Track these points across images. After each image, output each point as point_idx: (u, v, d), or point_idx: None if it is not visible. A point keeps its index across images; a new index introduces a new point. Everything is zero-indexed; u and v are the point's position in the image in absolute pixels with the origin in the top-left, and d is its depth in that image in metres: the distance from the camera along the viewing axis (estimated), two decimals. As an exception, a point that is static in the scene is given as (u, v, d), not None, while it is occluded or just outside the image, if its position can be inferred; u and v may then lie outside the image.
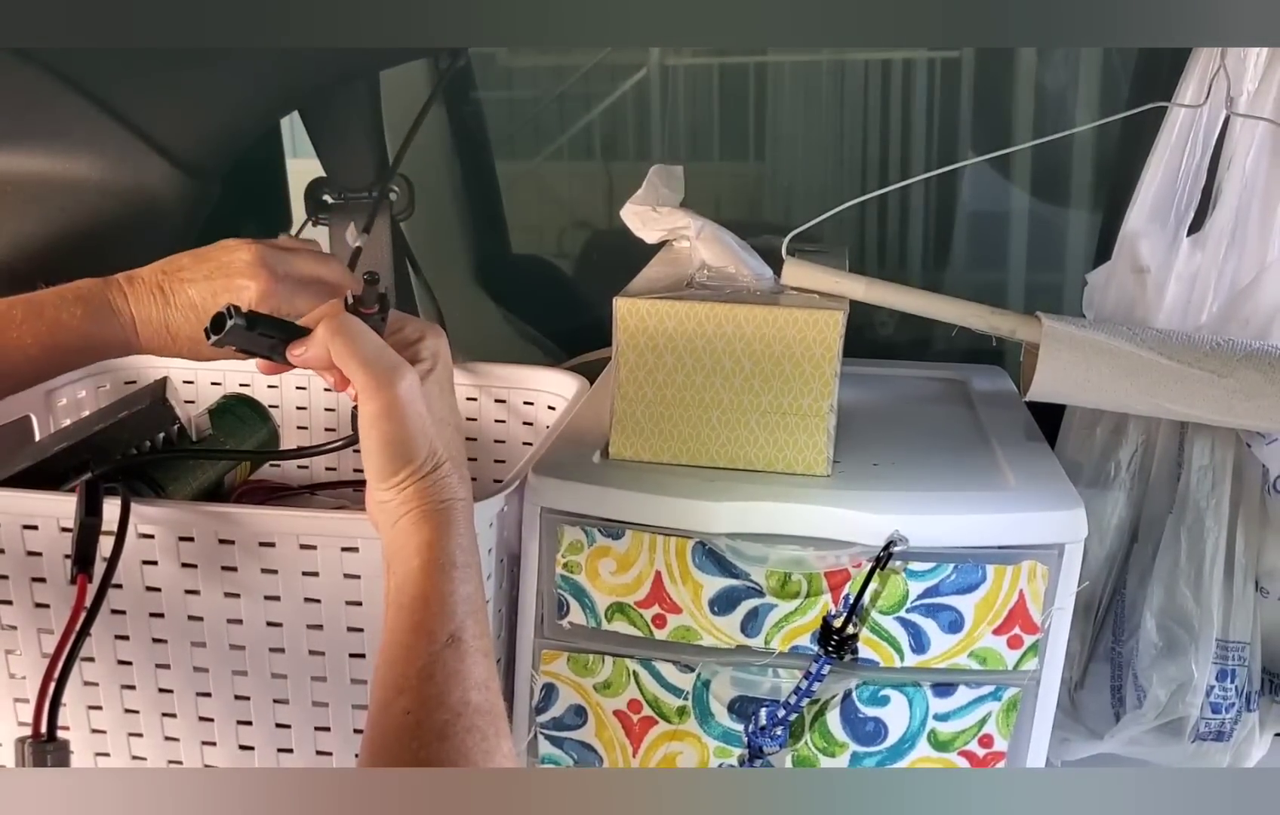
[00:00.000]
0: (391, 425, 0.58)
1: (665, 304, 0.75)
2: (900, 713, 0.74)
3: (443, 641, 0.52)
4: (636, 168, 0.86)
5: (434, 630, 0.52)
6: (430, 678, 0.51)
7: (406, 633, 0.53)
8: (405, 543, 0.57)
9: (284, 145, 1.53)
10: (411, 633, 0.53)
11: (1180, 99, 0.82)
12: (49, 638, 0.74)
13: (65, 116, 0.99)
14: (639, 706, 0.77)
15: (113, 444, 0.82)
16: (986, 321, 0.80)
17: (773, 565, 0.72)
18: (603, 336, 0.81)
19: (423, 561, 0.56)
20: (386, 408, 0.58)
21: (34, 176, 1.02)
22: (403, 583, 0.56)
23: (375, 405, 0.58)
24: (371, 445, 0.59)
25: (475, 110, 1.71)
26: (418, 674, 0.51)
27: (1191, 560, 0.82)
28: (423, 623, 0.53)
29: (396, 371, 0.59)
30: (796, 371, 0.75)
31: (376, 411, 0.58)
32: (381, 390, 0.58)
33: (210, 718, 0.75)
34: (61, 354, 0.72)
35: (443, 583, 0.55)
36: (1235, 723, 0.83)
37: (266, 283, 0.71)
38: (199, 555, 0.70)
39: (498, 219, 1.78)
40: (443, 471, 0.60)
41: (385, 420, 0.58)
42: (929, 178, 1.59)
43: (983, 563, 0.71)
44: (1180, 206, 0.84)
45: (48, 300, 0.71)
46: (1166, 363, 0.75)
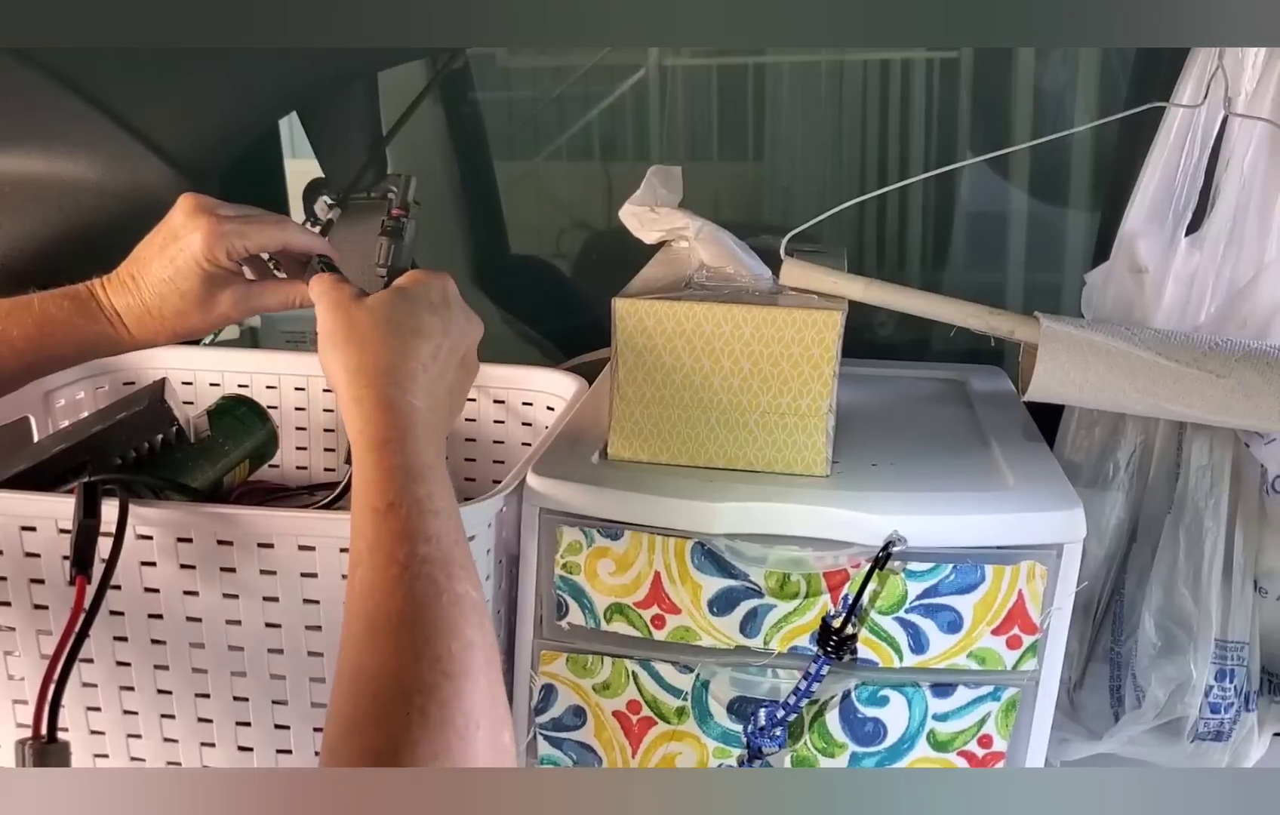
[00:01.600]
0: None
1: (664, 304, 0.75)
2: (899, 713, 0.74)
3: (384, 510, 0.54)
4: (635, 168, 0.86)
5: (373, 504, 0.54)
6: (377, 543, 0.53)
7: (358, 512, 0.55)
8: (351, 440, 0.60)
9: (282, 146, 1.53)
10: (358, 515, 0.55)
11: (1178, 99, 0.82)
12: (48, 639, 0.73)
13: (63, 117, 0.99)
14: (638, 707, 0.77)
15: (111, 445, 0.82)
16: (985, 322, 0.80)
17: (772, 566, 0.72)
18: (601, 337, 0.81)
19: (358, 449, 0.58)
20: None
21: (32, 177, 1.02)
22: (354, 469, 0.59)
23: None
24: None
25: (474, 111, 1.71)
26: (368, 546, 0.53)
27: (1190, 560, 0.82)
28: (363, 501, 0.55)
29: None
30: (795, 372, 0.75)
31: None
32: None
33: (209, 718, 0.75)
34: (50, 352, 0.73)
35: (374, 459, 0.57)
36: (1234, 723, 0.83)
37: (208, 226, 0.71)
38: (198, 556, 0.70)
39: (496, 220, 1.78)
40: (385, 360, 0.62)
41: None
42: (927, 178, 1.59)
43: (981, 563, 0.71)
44: (1178, 207, 0.84)
45: (35, 298, 0.72)
46: (1165, 363, 0.75)
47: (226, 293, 0.74)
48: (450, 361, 0.66)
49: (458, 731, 0.46)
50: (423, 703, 0.46)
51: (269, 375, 1.07)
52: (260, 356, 1.08)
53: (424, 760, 0.44)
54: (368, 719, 0.46)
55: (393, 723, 0.45)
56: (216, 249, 0.71)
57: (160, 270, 0.72)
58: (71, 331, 0.73)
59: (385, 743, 0.45)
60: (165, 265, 0.72)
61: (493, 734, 0.48)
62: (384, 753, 0.44)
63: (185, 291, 0.72)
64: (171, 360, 1.07)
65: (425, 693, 0.47)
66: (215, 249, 0.71)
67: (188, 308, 0.73)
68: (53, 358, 0.74)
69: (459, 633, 0.50)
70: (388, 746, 0.45)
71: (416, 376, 0.63)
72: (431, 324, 0.66)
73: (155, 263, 0.73)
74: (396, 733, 0.45)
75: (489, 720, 0.48)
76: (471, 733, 0.46)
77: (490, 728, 0.48)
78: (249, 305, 0.76)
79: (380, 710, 0.46)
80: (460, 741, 0.46)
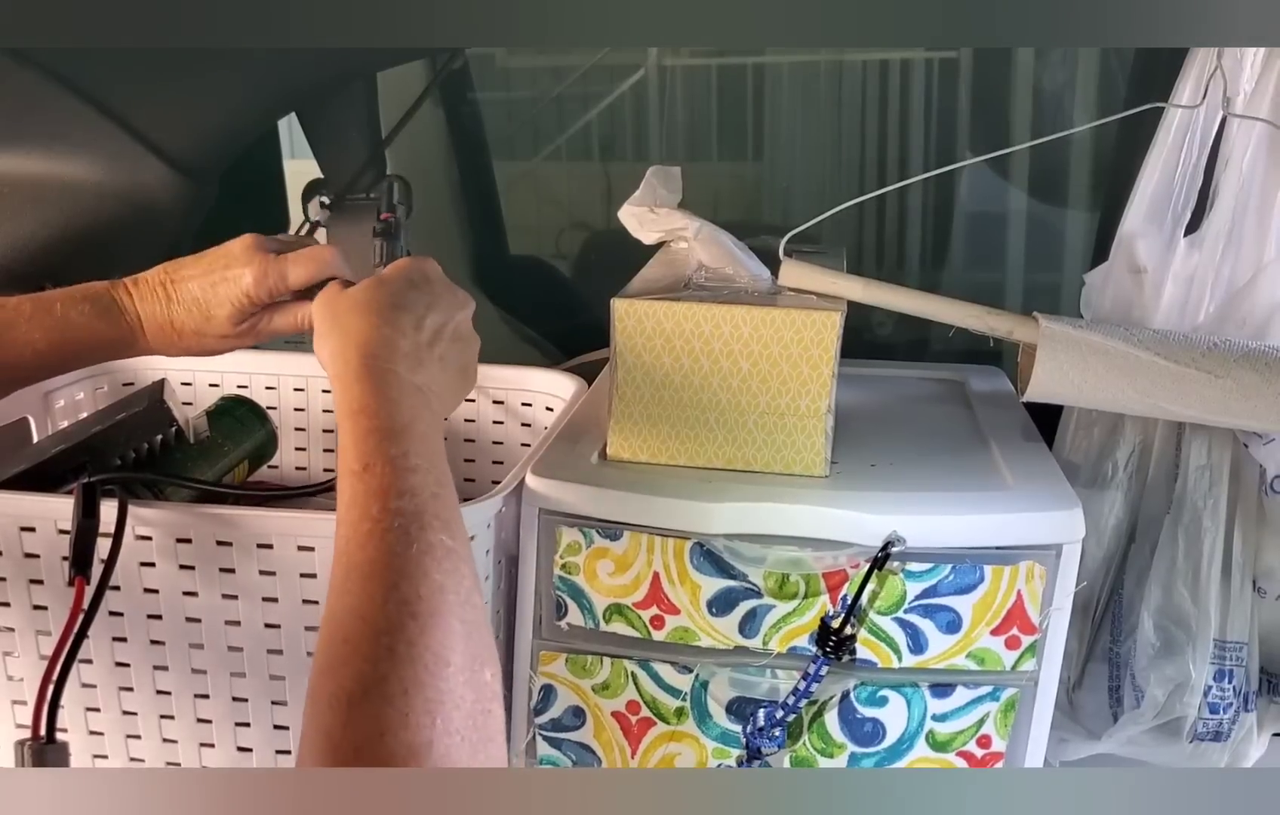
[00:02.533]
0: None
1: (663, 305, 0.75)
2: (898, 713, 0.74)
3: (357, 472, 0.56)
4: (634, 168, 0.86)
5: (350, 468, 0.57)
6: (353, 502, 0.55)
7: (338, 479, 0.57)
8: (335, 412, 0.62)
9: (282, 146, 1.52)
10: (339, 480, 0.57)
11: (1177, 99, 0.82)
12: (47, 639, 0.73)
13: (62, 118, 0.99)
14: (637, 707, 0.77)
15: (111, 446, 0.82)
16: (984, 322, 0.80)
17: (771, 566, 0.72)
18: (601, 337, 0.81)
19: (337, 419, 0.61)
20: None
21: (31, 178, 1.02)
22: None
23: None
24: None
25: (473, 111, 1.71)
26: (345, 506, 0.55)
27: (1189, 560, 0.83)
28: (342, 465, 0.57)
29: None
30: (794, 372, 0.75)
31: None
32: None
33: (208, 719, 0.75)
34: (69, 352, 0.73)
35: (349, 425, 0.59)
36: (1233, 723, 0.83)
37: (261, 264, 0.72)
38: (197, 557, 0.70)
39: (495, 220, 1.77)
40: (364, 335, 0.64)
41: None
42: (927, 178, 1.59)
43: (980, 563, 0.71)
44: (1177, 207, 0.84)
45: (57, 298, 0.73)
46: (1164, 363, 0.75)
47: (246, 322, 0.75)
48: (440, 334, 0.67)
49: (425, 667, 0.47)
50: (389, 642, 0.48)
51: (268, 376, 1.07)
52: (259, 357, 1.08)
53: (393, 696, 0.46)
54: (339, 661, 0.48)
55: (363, 660, 0.47)
56: (262, 288, 0.72)
57: (198, 290, 0.73)
58: (91, 336, 0.73)
59: (354, 681, 0.46)
60: (205, 288, 0.73)
61: (469, 672, 0.49)
62: (354, 692, 0.46)
63: (213, 316, 0.73)
64: (170, 361, 1.06)
65: (391, 632, 0.48)
66: (261, 288, 0.72)
67: (210, 331, 0.74)
68: (70, 360, 0.74)
69: (428, 576, 0.51)
70: (357, 685, 0.46)
71: (396, 345, 0.64)
72: (412, 298, 0.67)
73: (196, 283, 0.73)
74: (365, 668, 0.47)
75: (462, 657, 0.49)
76: (440, 669, 0.48)
77: (464, 665, 0.49)
78: (258, 333, 0.76)
79: (350, 651, 0.48)
80: (429, 676, 0.47)
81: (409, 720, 0.46)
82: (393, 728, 0.45)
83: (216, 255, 0.74)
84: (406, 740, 0.45)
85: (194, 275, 0.74)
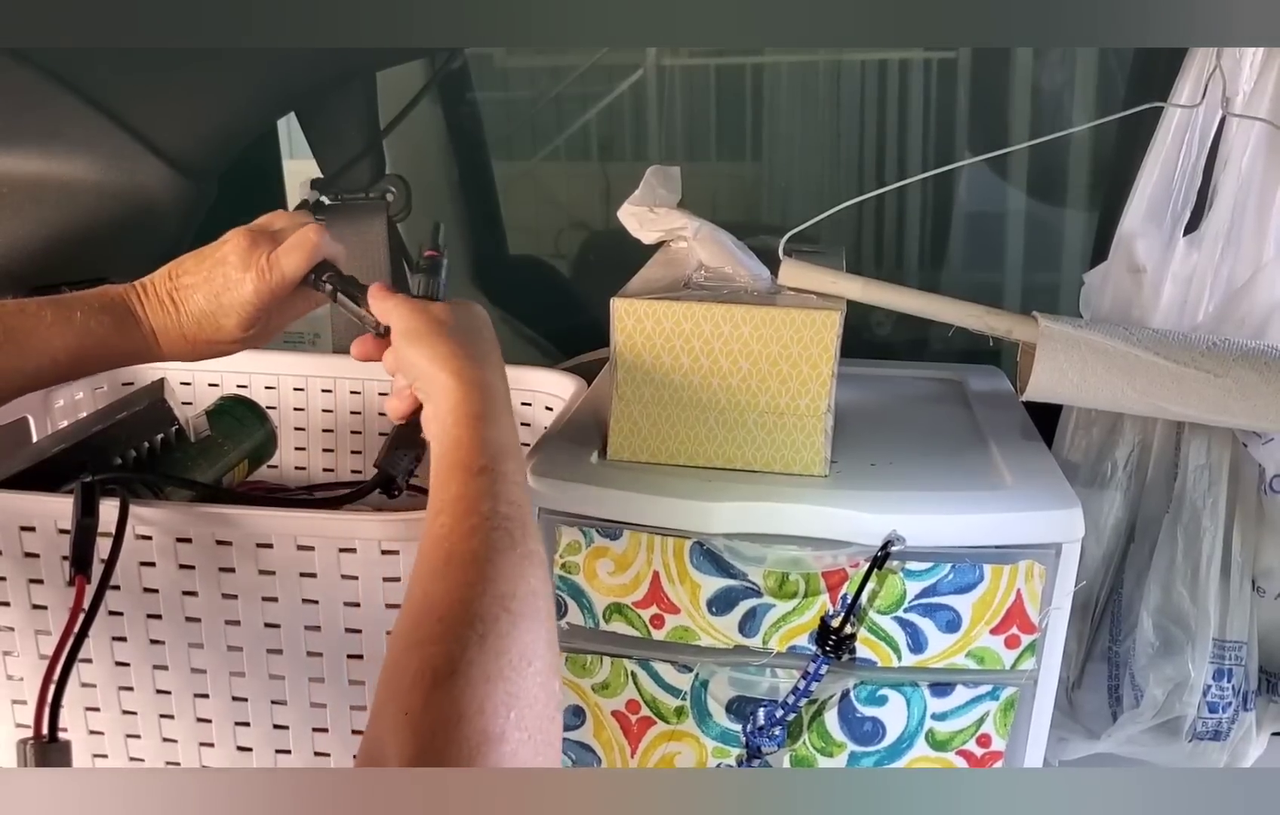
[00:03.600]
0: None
1: (662, 304, 0.75)
2: (898, 712, 0.74)
3: (475, 471, 0.59)
4: (633, 168, 0.86)
5: (465, 464, 0.59)
6: (462, 496, 0.57)
7: (445, 470, 0.60)
8: (441, 413, 0.65)
9: (281, 146, 1.52)
10: (445, 473, 0.60)
11: (1176, 99, 0.82)
12: (47, 639, 0.74)
13: (61, 118, 0.99)
14: (637, 707, 0.77)
15: (111, 445, 0.82)
16: (983, 321, 0.80)
17: (770, 565, 0.72)
18: (600, 337, 0.81)
19: (455, 418, 0.63)
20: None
21: (30, 178, 1.02)
22: (440, 438, 0.63)
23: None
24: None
25: (472, 111, 1.71)
26: (452, 498, 0.58)
27: (1188, 560, 0.83)
28: (453, 459, 0.60)
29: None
30: (794, 372, 0.75)
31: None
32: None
33: (208, 719, 0.75)
34: (89, 360, 0.74)
35: (471, 427, 0.62)
36: (1232, 722, 0.84)
37: (258, 272, 0.73)
38: (197, 556, 0.70)
39: (495, 220, 1.77)
40: (472, 351, 0.68)
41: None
42: (926, 178, 1.59)
43: (980, 562, 0.71)
44: (1176, 206, 0.84)
45: (76, 305, 0.73)
46: (1163, 363, 0.75)
47: (257, 324, 0.75)
48: (503, 377, 0.69)
49: (511, 663, 0.49)
50: (483, 630, 0.50)
51: (268, 376, 1.07)
52: (259, 357, 1.08)
53: (476, 681, 0.47)
54: (431, 638, 0.50)
55: (453, 642, 0.49)
56: (264, 292, 0.73)
57: (203, 302, 0.74)
58: (107, 349, 0.74)
59: (444, 659, 0.48)
60: (209, 299, 0.74)
61: (544, 676, 0.51)
62: (441, 668, 0.48)
63: (223, 326, 0.74)
64: (172, 361, 1.07)
65: (487, 622, 0.50)
66: (263, 293, 0.73)
67: (222, 338, 0.75)
68: (86, 367, 0.75)
69: (525, 580, 0.54)
70: (445, 663, 0.48)
71: (499, 369, 0.68)
72: (489, 339, 0.71)
73: (200, 293, 0.74)
74: (455, 651, 0.48)
75: (542, 663, 0.51)
76: (524, 668, 0.50)
77: (543, 669, 0.51)
78: (270, 331, 0.77)
79: (444, 631, 0.50)
80: (513, 672, 0.49)
81: (486, 709, 0.47)
82: (470, 714, 0.46)
83: (214, 265, 0.74)
84: (482, 727, 0.46)
85: (196, 283, 0.74)
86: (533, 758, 0.48)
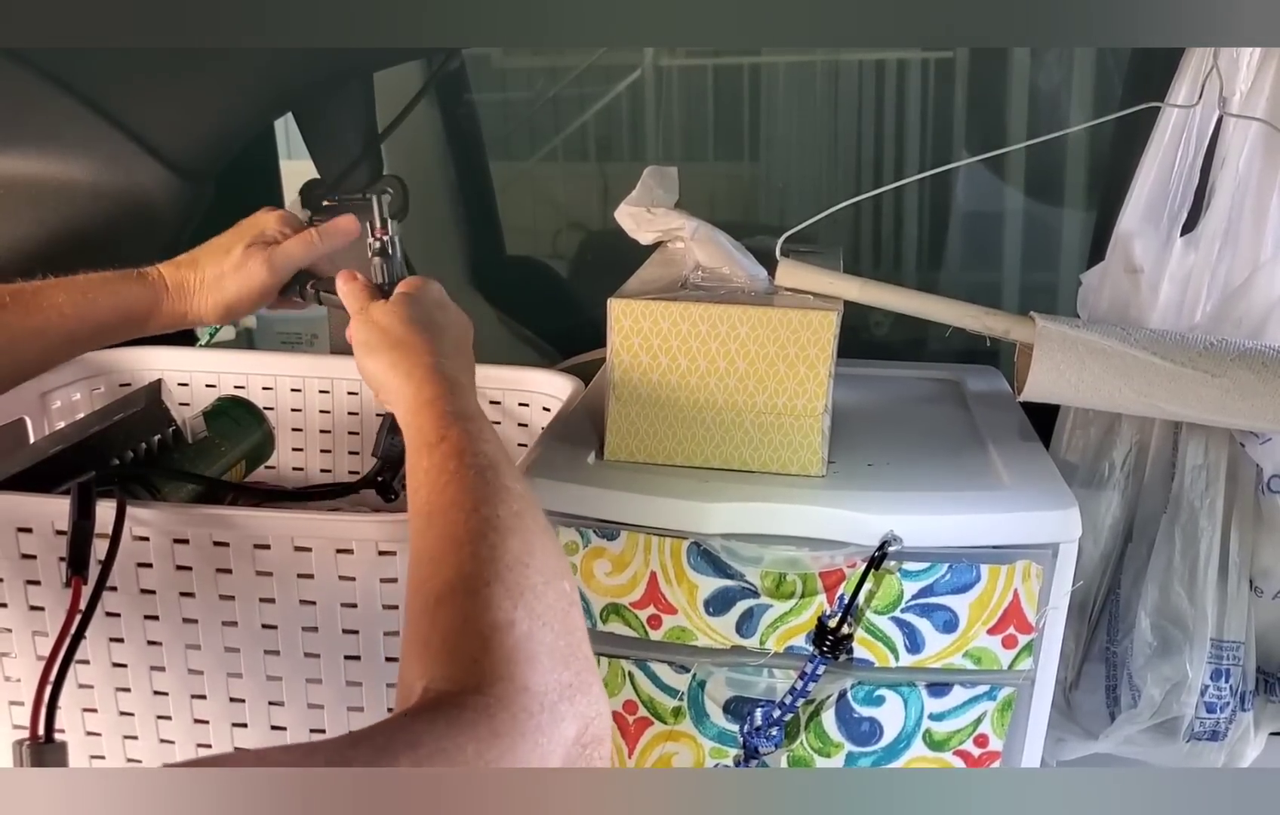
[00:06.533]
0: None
1: (660, 305, 0.75)
2: (895, 713, 0.74)
3: (438, 441, 0.61)
4: (631, 169, 0.86)
5: (427, 441, 0.61)
6: (431, 466, 0.60)
7: (414, 455, 0.62)
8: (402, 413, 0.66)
9: (278, 147, 1.52)
10: (413, 456, 0.62)
11: (1173, 99, 0.82)
12: (44, 640, 0.73)
13: (58, 119, 0.99)
14: (634, 707, 0.77)
15: (108, 446, 0.82)
16: (981, 322, 0.80)
17: (768, 566, 0.72)
18: (597, 338, 0.81)
19: (414, 410, 0.65)
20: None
21: (27, 179, 1.01)
22: (407, 432, 0.65)
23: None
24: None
25: (469, 111, 1.71)
26: (424, 471, 0.60)
27: (1186, 560, 0.83)
28: (417, 442, 0.62)
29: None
30: (791, 372, 0.75)
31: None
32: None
33: (205, 720, 0.75)
34: (95, 317, 0.79)
35: (426, 411, 0.64)
36: (1230, 722, 0.84)
37: (270, 272, 0.81)
38: (194, 557, 0.70)
39: (492, 220, 1.77)
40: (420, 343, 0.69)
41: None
42: (923, 178, 1.59)
43: (977, 562, 0.71)
44: (1174, 207, 0.84)
45: (81, 277, 0.79)
46: (1160, 363, 0.75)
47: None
48: (461, 350, 0.72)
49: (505, 565, 0.52)
50: (472, 549, 0.53)
51: (265, 376, 1.07)
52: (256, 358, 1.08)
53: (475, 589, 0.51)
54: (425, 577, 0.53)
55: (447, 569, 0.52)
56: (277, 282, 0.82)
57: (219, 297, 0.82)
58: (115, 298, 0.79)
59: (442, 586, 0.52)
60: (222, 298, 0.82)
61: (547, 575, 0.53)
62: (441, 594, 0.51)
63: (238, 311, 0.83)
64: (167, 362, 1.06)
65: (474, 542, 0.53)
66: (275, 284, 0.82)
67: (237, 315, 0.84)
68: (95, 324, 0.79)
69: (506, 503, 0.56)
70: (444, 588, 0.51)
71: (449, 355, 0.69)
72: (441, 317, 0.73)
73: (210, 298, 0.82)
74: (449, 575, 0.52)
75: (540, 562, 0.54)
76: (519, 568, 0.52)
77: (542, 567, 0.53)
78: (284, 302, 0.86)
79: (434, 567, 0.53)
80: (508, 572, 0.52)
81: (490, 604, 0.49)
82: (475, 615, 0.49)
83: (225, 281, 0.81)
84: (490, 620, 0.49)
85: (208, 281, 0.81)
86: (553, 641, 0.50)
